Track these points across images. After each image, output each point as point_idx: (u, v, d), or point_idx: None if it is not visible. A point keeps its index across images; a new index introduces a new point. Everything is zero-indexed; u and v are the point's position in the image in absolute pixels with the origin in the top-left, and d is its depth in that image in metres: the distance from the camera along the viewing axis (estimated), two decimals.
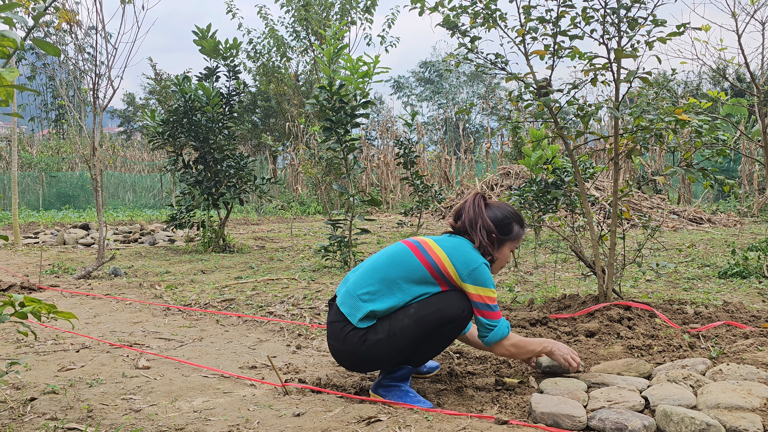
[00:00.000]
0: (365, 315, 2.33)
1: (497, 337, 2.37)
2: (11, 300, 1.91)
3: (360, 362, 2.40)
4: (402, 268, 2.38)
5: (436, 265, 2.37)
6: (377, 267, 2.42)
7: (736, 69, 18.71)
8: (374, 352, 2.33)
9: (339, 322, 2.39)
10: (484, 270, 2.37)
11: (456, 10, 3.44)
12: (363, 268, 2.47)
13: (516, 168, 12.56)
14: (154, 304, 4.39)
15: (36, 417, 2.21)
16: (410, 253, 2.41)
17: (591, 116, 3.32)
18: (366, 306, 2.34)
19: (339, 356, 2.44)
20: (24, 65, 30.50)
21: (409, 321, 2.32)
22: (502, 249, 2.54)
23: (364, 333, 2.33)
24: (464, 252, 2.40)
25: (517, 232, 2.54)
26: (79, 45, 6.36)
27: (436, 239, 2.47)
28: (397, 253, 2.43)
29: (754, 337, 2.89)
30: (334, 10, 16.87)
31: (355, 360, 2.39)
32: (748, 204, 12.66)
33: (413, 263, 2.38)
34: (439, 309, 2.33)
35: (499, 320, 2.38)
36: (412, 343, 2.33)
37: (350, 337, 2.34)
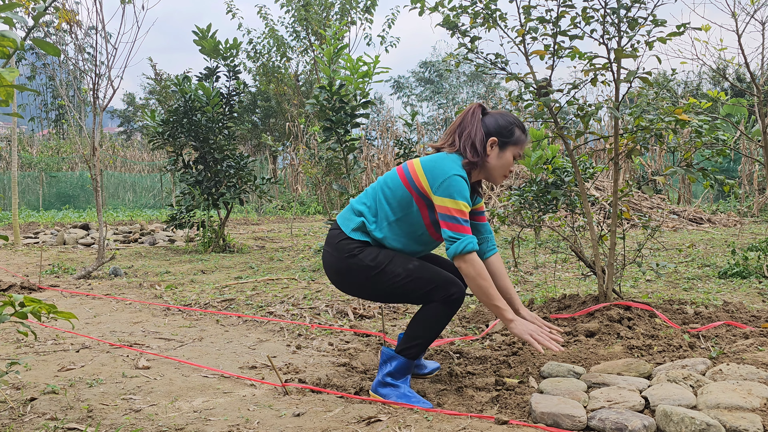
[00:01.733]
0: (357, 226, 2.46)
1: (458, 250, 2.30)
2: (11, 300, 1.91)
3: (341, 275, 2.48)
4: (389, 188, 2.47)
5: (413, 180, 2.42)
6: (373, 188, 2.55)
7: (736, 69, 18.70)
8: (357, 273, 2.42)
9: (335, 230, 2.53)
10: (456, 181, 2.33)
11: (456, 10, 3.44)
12: (364, 191, 2.60)
13: (516, 168, 12.56)
14: (154, 304, 4.39)
15: (36, 417, 2.21)
16: (395, 174, 2.50)
17: (591, 116, 3.32)
18: (357, 219, 2.48)
19: (328, 263, 2.52)
20: (24, 65, 30.50)
21: (403, 272, 2.37)
22: (503, 153, 2.51)
23: (357, 247, 2.43)
24: (438, 165, 2.40)
25: (518, 136, 2.53)
26: (79, 45, 6.36)
27: (424, 157, 2.50)
28: (388, 175, 2.53)
29: (754, 337, 2.89)
30: (334, 10, 16.86)
31: (338, 271, 2.48)
32: (748, 204, 12.66)
33: (396, 183, 2.46)
34: (435, 276, 2.36)
35: (464, 234, 2.31)
36: (394, 291, 2.40)
37: (342, 245, 2.45)
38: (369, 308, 4.02)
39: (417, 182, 2.42)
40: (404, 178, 2.45)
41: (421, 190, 2.40)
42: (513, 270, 5.48)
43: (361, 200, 2.53)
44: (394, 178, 2.48)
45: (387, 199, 2.46)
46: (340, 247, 2.45)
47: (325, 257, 2.54)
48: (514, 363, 2.76)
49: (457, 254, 2.31)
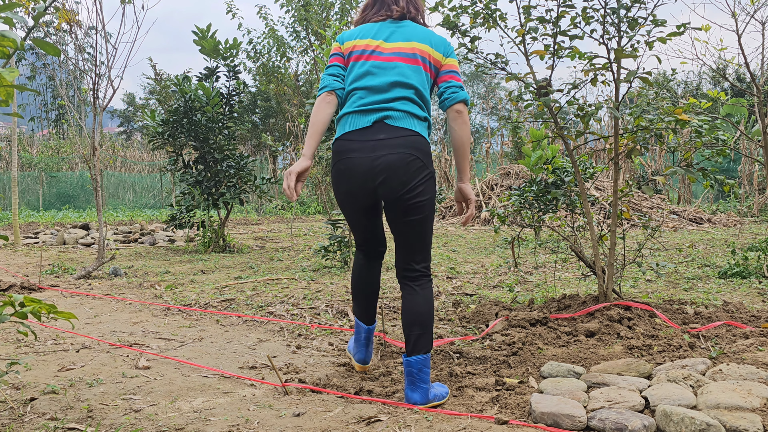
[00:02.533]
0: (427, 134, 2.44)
1: (466, 95, 2.42)
2: (11, 300, 1.91)
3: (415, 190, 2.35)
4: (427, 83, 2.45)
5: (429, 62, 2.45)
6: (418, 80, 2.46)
7: (736, 69, 18.70)
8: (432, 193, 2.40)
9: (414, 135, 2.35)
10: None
11: (456, 10, 3.44)
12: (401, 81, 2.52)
13: (516, 168, 12.56)
14: (154, 304, 4.39)
15: (36, 417, 2.21)
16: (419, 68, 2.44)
17: (591, 116, 3.32)
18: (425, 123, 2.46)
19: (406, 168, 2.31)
20: (24, 65, 30.50)
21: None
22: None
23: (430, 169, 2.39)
24: (435, 35, 2.51)
25: None
26: (79, 45, 6.36)
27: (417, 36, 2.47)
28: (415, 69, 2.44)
29: (754, 337, 2.89)
30: (334, 10, 16.87)
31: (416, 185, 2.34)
32: (748, 204, 12.66)
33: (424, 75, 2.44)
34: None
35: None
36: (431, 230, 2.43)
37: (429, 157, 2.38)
38: None
39: (433, 60, 2.44)
40: (425, 65, 2.43)
41: (435, 65, 2.45)
42: (513, 270, 5.48)
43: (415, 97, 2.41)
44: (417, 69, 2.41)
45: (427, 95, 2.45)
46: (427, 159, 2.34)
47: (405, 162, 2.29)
48: (514, 363, 2.76)
49: (465, 99, 2.41)
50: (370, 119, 2.34)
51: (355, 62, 2.45)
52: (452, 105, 2.40)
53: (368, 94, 2.38)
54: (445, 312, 3.91)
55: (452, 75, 2.44)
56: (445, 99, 2.43)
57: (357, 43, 2.47)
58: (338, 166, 2.37)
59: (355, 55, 2.45)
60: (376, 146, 2.30)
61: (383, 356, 3.00)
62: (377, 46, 2.44)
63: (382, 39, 2.46)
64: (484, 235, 9.10)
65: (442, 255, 6.71)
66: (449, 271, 5.58)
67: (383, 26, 2.50)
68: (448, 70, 2.45)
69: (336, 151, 2.38)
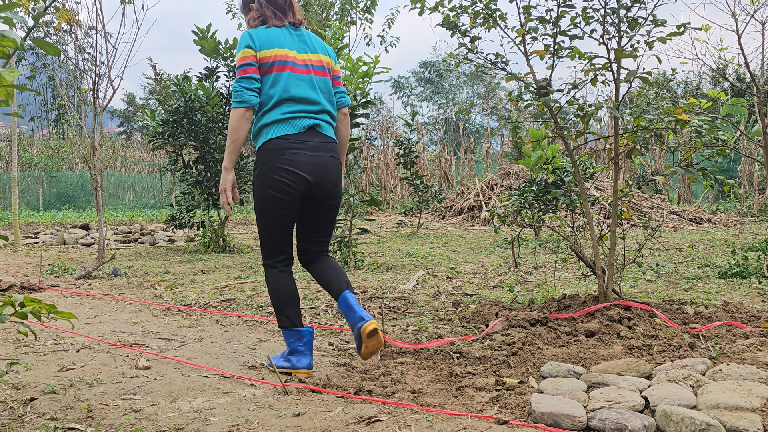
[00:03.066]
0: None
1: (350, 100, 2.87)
2: (11, 300, 1.91)
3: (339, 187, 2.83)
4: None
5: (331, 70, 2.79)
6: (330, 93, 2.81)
7: (736, 69, 18.70)
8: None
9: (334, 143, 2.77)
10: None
11: (456, 10, 3.44)
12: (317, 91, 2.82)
13: (516, 168, 12.56)
14: (154, 304, 4.39)
15: (36, 417, 2.21)
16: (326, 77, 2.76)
17: (591, 116, 3.32)
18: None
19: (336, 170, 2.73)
20: (24, 65, 30.49)
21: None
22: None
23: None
24: (325, 44, 2.83)
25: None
26: (79, 45, 6.36)
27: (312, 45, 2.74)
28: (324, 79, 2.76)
29: (754, 337, 2.89)
30: (334, 10, 16.86)
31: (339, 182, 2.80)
32: (748, 204, 12.66)
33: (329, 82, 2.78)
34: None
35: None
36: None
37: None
38: (369, 308, 4.02)
39: (332, 69, 2.79)
40: (329, 74, 2.76)
41: (332, 72, 2.80)
42: (513, 270, 5.48)
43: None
44: (327, 81, 2.74)
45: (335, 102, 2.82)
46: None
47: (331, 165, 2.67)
48: (514, 363, 2.76)
49: (350, 103, 2.86)
50: (303, 125, 2.60)
51: (279, 73, 2.63)
52: (341, 108, 2.80)
53: (296, 104, 2.62)
54: (445, 312, 3.91)
55: (340, 81, 2.82)
56: (335, 102, 2.79)
57: (276, 53, 2.63)
58: (282, 159, 2.55)
59: (277, 66, 2.63)
60: (315, 147, 2.62)
61: (383, 356, 3.00)
62: (293, 57, 2.66)
63: (294, 50, 2.68)
64: (484, 235, 9.10)
65: (442, 255, 6.71)
66: (449, 271, 5.58)
67: (289, 35, 2.70)
68: (337, 77, 2.81)
69: (278, 148, 2.55)
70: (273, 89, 2.62)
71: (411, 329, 3.52)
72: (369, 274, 5.52)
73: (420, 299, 4.34)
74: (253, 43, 2.61)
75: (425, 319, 3.74)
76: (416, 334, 3.41)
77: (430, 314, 3.87)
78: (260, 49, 2.62)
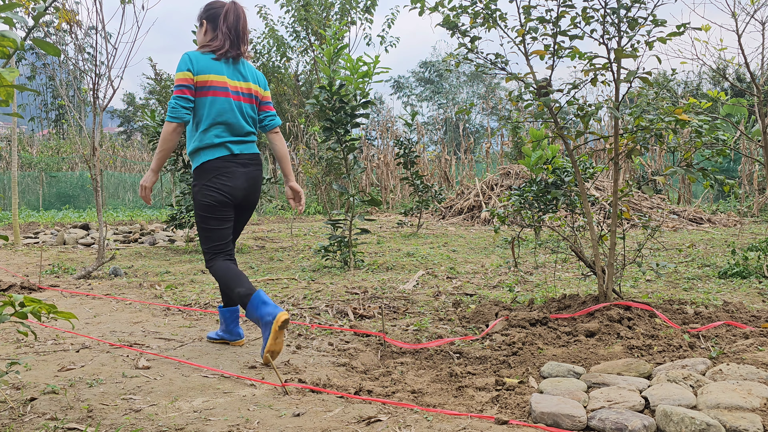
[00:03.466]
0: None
1: (280, 121, 3.27)
2: (11, 300, 1.91)
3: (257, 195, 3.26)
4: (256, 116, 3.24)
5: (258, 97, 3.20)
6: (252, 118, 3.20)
7: (736, 69, 18.71)
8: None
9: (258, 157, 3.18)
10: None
11: (456, 10, 3.44)
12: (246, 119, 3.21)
13: (516, 168, 12.56)
14: (154, 304, 4.39)
15: (36, 417, 2.21)
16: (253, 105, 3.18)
17: (591, 116, 3.32)
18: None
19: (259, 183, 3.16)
20: (24, 65, 30.48)
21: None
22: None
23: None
24: (258, 72, 3.27)
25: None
26: (79, 45, 6.36)
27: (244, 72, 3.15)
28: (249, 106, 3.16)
29: (754, 337, 2.89)
30: (334, 10, 16.86)
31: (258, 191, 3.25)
32: (748, 204, 12.66)
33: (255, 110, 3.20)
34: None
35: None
36: None
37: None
38: (369, 308, 4.02)
39: (260, 96, 3.20)
40: (263, 100, 3.21)
41: (259, 98, 3.21)
42: (513, 270, 5.48)
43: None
44: (253, 107, 3.15)
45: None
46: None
47: (258, 177, 3.13)
48: (514, 363, 2.76)
49: (280, 124, 3.25)
50: (235, 149, 3.03)
51: (214, 97, 2.97)
52: (272, 129, 3.24)
53: (227, 128, 3.01)
54: (445, 312, 3.91)
55: (269, 106, 3.24)
56: (266, 125, 3.23)
57: (211, 79, 2.97)
58: (222, 176, 2.99)
59: (212, 91, 2.97)
60: (246, 164, 3.07)
61: (383, 356, 3.00)
62: (226, 83, 3.01)
63: (228, 77, 3.04)
64: (484, 235, 9.10)
65: (442, 255, 6.71)
66: (449, 271, 5.58)
67: (225, 63, 3.05)
68: (267, 102, 3.23)
69: (216, 167, 2.98)
70: (207, 111, 2.96)
71: (411, 329, 3.52)
72: (369, 274, 5.52)
73: (420, 299, 4.34)
74: (192, 67, 2.94)
75: (425, 319, 3.74)
76: (416, 334, 3.41)
77: (430, 314, 3.87)
78: (198, 73, 2.95)
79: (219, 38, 3.01)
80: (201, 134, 2.97)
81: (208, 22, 3.08)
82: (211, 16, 3.07)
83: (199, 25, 3.12)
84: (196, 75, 2.94)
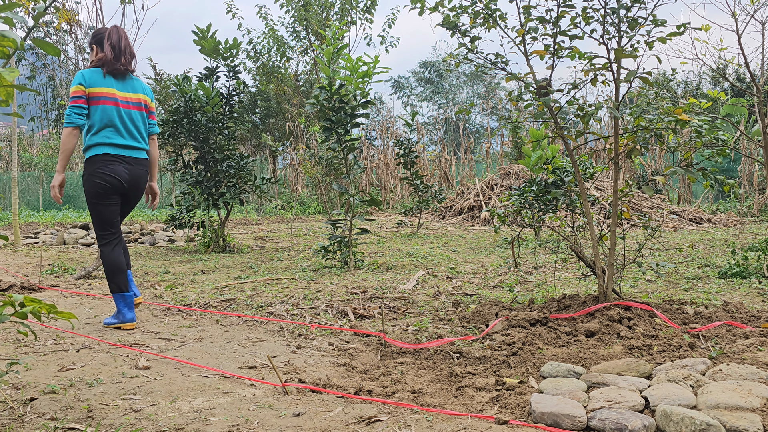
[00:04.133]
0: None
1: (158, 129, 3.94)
2: (11, 300, 1.91)
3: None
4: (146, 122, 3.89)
5: (148, 106, 3.86)
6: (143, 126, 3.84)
7: (736, 69, 18.71)
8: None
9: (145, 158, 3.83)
10: None
11: (456, 10, 3.44)
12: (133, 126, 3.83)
13: (516, 168, 12.56)
14: (154, 304, 4.39)
15: (36, 417, 2.21)
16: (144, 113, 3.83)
17: (591, 116, 3.32)
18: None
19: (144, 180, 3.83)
20: (24, 65, 30.45)
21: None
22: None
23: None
24: (146, 86, 3.88)
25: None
26: (79, 45, 6.36)
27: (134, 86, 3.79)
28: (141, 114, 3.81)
29: (754, 337, 2.89)
30: (334, 10, 16.86)
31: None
32: (748, 204, 12.66)
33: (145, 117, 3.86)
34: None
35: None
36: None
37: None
38: (369, 308, 4.02)
39: (148, 105, 3.84)
40: (149, 110, 3.85)
41: (148, 107, 3.85)
42: (513, 270, 5.48)
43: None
44: (142, 114, 3.80)
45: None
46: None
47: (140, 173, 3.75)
48: (514, 363, 2.76)
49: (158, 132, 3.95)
50: (121, 150, 3.65)
51: (104, 106, 3.60)
52: (151, 135, 3.90)
53: (115, 130, 3.63)
54: (445, 312, 3.92)
55: (153, 115, 3.91)
56: (147, 131, 3.86)
57: (101, 91, 3.61)
58: (107, 167, 3.60)
59: (102, 100, 3.60)
60: (130, 160, 3.69)
61: (383, 356, 3.01)
62: (116, 94, 3.65)
63: (119, 90, 3.68)
64: (484, 235, 9.10)
65: (442, 255, 6.71)
66: (449, 271, 5.58)
67: (114, 78, 3.67)
68: (152, 112, 3.89)
69: (103, 160, 3.59)
70: (99, 117, 3.59)
71: (411, 329, 3.52)
72: (369, 274, 5.52)
73: (420, 299, 4.34)
74: (85, 82, 3.59)
75: (425, 319, 3.74)
76: (416, 334, 3.41)
77: (430, 314, 3.87)
78: (89, 86, 3.59)
79: (107, 53, 3.64)
80: (93, 135, 3.61)
81: (96, 45, 3.75)
82: (98, 40, 3.73)
83: (90, 49, 3.81)
84: (88, 88, 3.58)
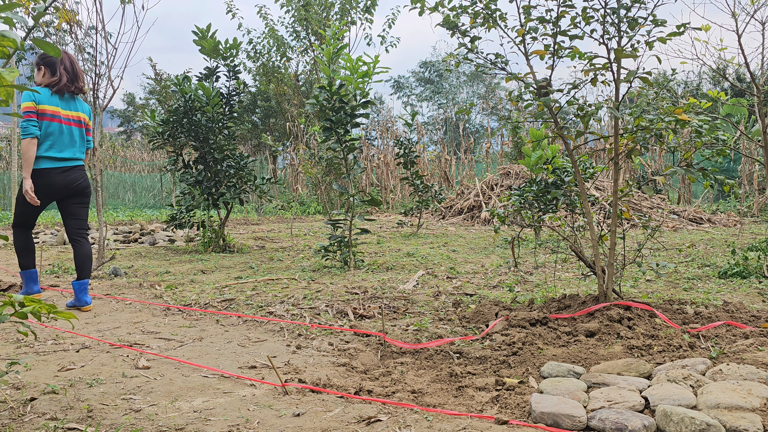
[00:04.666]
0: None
1: (92, 145, 4.54)
2: (11, 300, 1.91)
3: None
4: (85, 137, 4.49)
5: (87, 125, 4.44)
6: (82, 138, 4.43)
7: (736, 69, 18.71)
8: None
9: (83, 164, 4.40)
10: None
11: (456, 10, 3.44)
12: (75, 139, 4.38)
13: (516, 168, 12.56)
14: (154, 304, 4.39)
15: (36, 417, 2.21)
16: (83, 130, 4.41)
17: (591, 116, 3.32)
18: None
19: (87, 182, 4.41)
20: (24, 65, 30.44)
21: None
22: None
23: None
24: (87, 106, 4.47)
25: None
26: (79, 45, 6.36)
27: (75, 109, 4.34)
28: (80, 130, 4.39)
29: (754, 337, 2.89)
30: (334, 10, 16.86)
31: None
32: (748, 204, 12.66)
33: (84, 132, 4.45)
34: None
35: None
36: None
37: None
38: (369, 308, 4.02)
39: (87, 123, 4.41)
40: (86, 127, 4.41)
41: (87, 125, 4.43)
42: (513, 270, 5.48)
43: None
44: (81, 131, 4.36)
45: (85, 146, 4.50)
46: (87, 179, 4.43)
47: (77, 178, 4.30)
48: (514, 363, 2.76)
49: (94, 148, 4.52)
50: (60, 162, 4.21)
51: (50, 122, 4.14)
52: (88, 150, 4.49)
53: (58, 145, 4.19)
54: (445, 312, 3.91)
55: (90, 132, 4.47)
56: (85, 145, 4.43)
57: (48, 109, 4.14)
58: (49, 176, 4.17)
59: (48, 117, 4.14)
60: (66, 170, 4.25)
61: (383, 356, 3.00)
62: (60, 112, 4.20)
63: (62, 108, 4.21)
64: (484, 235, 9.10)
65: (442, 255, 6.71)
66: (449, 271, 5.58)
67: (63, 99, 4.22)
68: (89, 129, 4.45)
69: (46, 171, 4.16)
70: (45, 132, 4.13)
71: (411, 329, 3.52)
72: (369, 274, 5.52)
73: (420, 299, 4.34)
74: (35, 99, 4.09)
75: (425, 319, 3.74)
76: (416, 334, 3.41)
77: (430, 314, 3.87)
78: (39, 103, 4.11)
79: (62, 78, 4.15)
80: (39, 147, 4.14)
81: (45, 66, 4.17)
82: (48, 63, 4.16)
83: (38, 69, 4.20)
84: (38, 105, 4.10)
